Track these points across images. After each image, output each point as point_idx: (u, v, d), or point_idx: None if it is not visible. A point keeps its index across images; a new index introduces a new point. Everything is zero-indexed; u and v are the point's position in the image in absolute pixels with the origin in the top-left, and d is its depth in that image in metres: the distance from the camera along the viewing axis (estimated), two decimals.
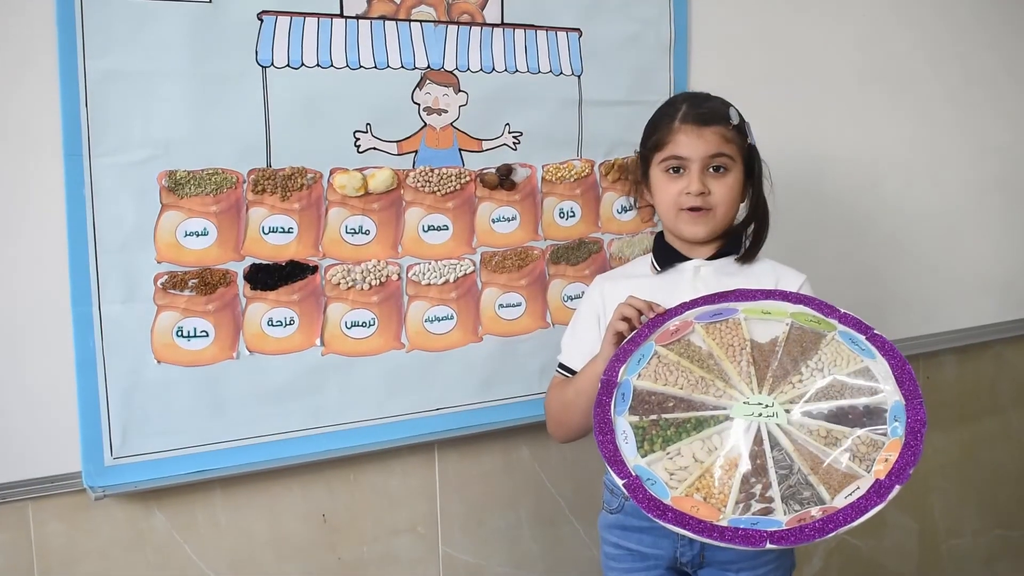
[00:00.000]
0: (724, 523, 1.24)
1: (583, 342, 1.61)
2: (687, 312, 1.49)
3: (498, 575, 1.98)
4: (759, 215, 1.63)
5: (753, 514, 1.26)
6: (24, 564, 1.55)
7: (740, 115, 1.58)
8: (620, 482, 1.31)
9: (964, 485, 2.63)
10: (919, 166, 2.39)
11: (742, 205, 1.62)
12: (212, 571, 1.69)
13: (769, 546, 1.20)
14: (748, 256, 1.61)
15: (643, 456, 1.35)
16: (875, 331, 1.43)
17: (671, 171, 1.57)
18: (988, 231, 2.54)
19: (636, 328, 1.48)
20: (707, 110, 1.56)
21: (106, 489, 1.55)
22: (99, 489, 1.55)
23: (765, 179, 1.63)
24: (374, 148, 1.71)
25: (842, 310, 1.46)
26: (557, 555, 2.04)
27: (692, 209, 1.55)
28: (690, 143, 1.54)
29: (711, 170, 1.55)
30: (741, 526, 1.24)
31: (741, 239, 1.63)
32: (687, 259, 1.61)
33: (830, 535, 1.20)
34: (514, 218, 1.86)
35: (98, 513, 1.60)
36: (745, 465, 1.31)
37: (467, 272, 1.82)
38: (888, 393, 1.34)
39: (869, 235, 2.33)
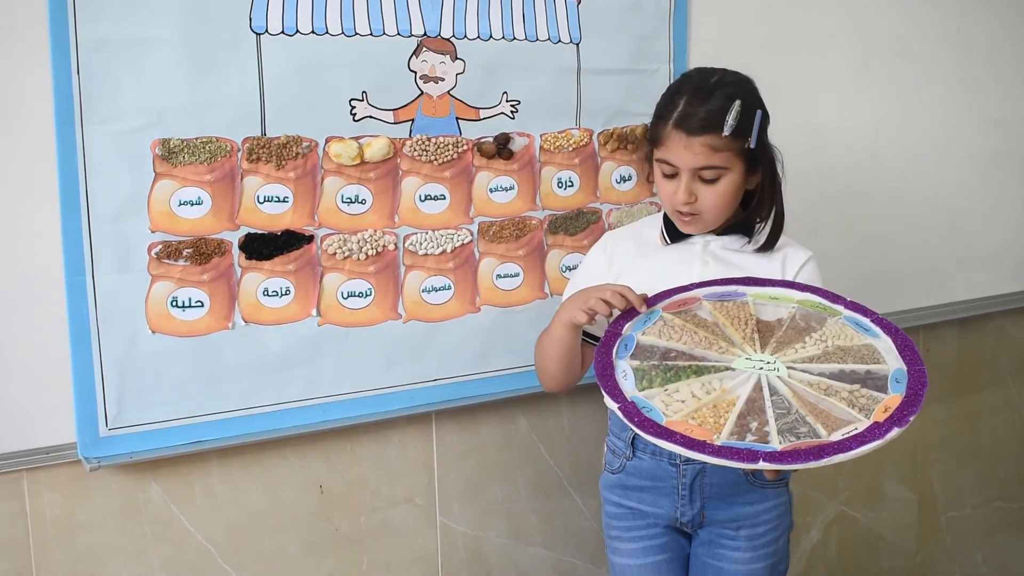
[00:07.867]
0: (718, 443, 1.24)
1: None
2: (696, 290, 1.52)
3: (496, 546, 1.98)
4: (776, 215, 1.60)
5: (748, 441, 1.25)
6: (20, 535, 1.55)
7: (746, 109, 1.47)
8: (615, 406, 1.31)
9: (964, 457, 2.62)
10: (920, 138, 2.37)
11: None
12: (208, 542, 1.69)
13: (762, 464, 1.20)
14: (763, 249, 1.61)
15: (641, 391, 1.34)
16: (879, 315, 1.44)
17: (664, 173, 1.55)
18: (990, 203, 2.51)
19: (610, 314, 1.49)
20: (701, 115, 1.47)
21: (101, 460, 1.55)
22: (94, 460, 1.54)
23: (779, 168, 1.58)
24: (370, 116, 1.69)
25: (848, 299, 1.47)
26: (555, 526, 2.04)
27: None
28: (678, 154, 1.50)
29: (700, 178, 1.51)
30: (735, 446, 1.23)
31: (751, 222, 1.61)
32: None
33: (824, 460, 1.20)
34: (512, 188, 1.84)
35: (93, 484, 1.60)
36: (743, 405, 1.30)
37: (464, 242, 1.81)
38: (891, 362, 1.35)
39: (870, 207, 2.31)
